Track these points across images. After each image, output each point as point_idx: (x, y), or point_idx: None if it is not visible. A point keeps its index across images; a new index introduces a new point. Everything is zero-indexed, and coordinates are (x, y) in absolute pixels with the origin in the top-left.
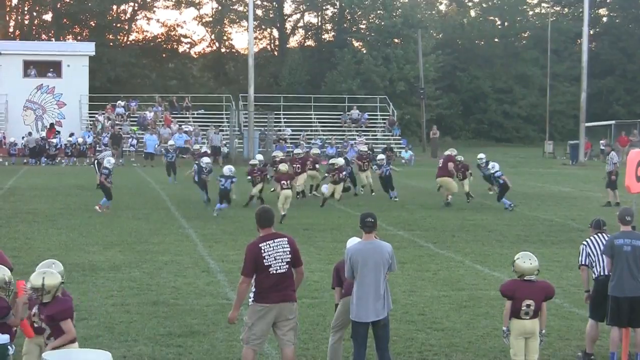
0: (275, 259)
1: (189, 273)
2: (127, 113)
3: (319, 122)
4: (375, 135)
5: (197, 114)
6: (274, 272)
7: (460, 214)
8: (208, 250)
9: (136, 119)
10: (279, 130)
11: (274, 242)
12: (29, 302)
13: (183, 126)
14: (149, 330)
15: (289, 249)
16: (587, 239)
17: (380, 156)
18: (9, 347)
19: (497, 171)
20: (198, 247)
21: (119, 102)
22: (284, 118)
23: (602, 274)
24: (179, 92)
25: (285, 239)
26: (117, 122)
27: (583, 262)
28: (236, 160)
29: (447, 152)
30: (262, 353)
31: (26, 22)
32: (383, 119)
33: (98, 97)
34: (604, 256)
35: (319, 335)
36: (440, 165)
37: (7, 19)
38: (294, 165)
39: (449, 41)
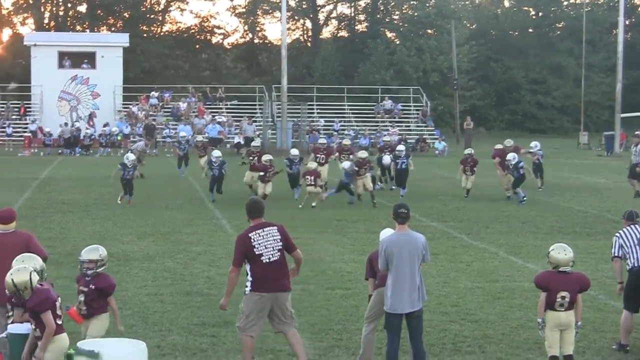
0: (266, 248)
1: (222, 263)
2: (160, 104)
3: (352, 113)
4: (409, 126)
5: (230, 104)
6: (267, 260)
7: (494, 205)
8: None
9: (169, 110)
10: (312, 121)
11: (263, 231)
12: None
13: (216, 117)
14: (183, 320)
15: (279, 237)
16: (620, 231)
17: (400, 147)
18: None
19: (519, 161)
20: (231, 238)
21: (153, 93)
22: (316, 109)
23: (635, 265)
24: (212, 82)
25: (275, 227)
26: (150, 113)
27: (616, 254)
28: (269, 151)
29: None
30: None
31: (61, 13)
32: (416, 110)
33: (132, 88)
34: (637, 247)
35: (353, 326)
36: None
37: (42, 10)
38: (318, 156)
39: (483, 32)
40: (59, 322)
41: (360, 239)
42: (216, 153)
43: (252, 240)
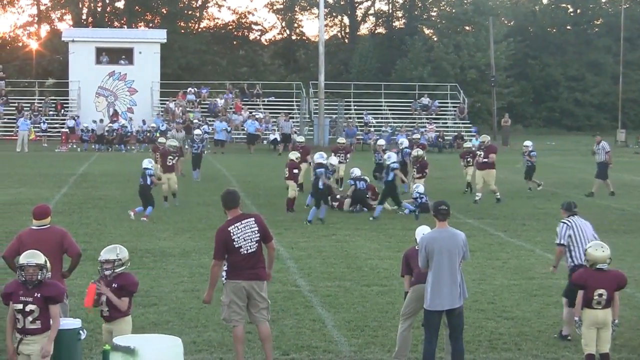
0: (244, 240)
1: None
2: (198, 100)
3: (389, 110)
4: (446, 123)
5: (268, 101)
6: (245, 252)
7: (531, 202)
8: (278, 237)
9: (207, 106)
10: (349, 118)
11: (241, 223)
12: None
13: (253, 113)
14: (219, 317)
15: (256, 228)
16: (568, 220)
17: (403, 140)
18: (80, 332)
19: (531, 151)
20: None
21: (190, 89)
22: (354, 105)
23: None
24: (250, 79)
25: (253, 218)
26: (188, 109)
27: (563, 242)
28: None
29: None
30: (332, 340)
31: (99, 9)
32: (453, 107)
33: (169, 84)
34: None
35: (389, 323)
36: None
37: (80, 6)
38: (338, 154)
39: (521, 28)
40: None
41: (396, 236)
42: (197, 131)
43: (232, 234)
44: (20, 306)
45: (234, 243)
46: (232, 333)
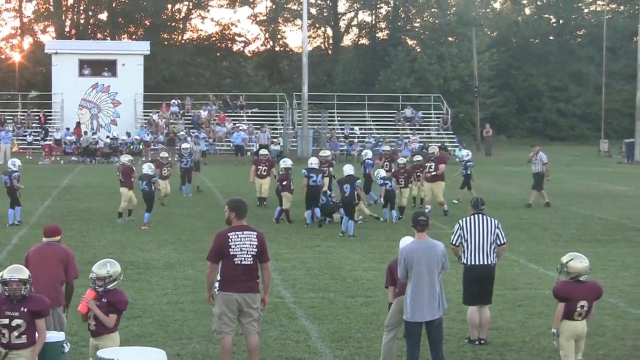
0: (241, 250)
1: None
2: (181, 112)
3: (373, 121)
4: (429, 133)
5: (251, 112)
6: (239, 262)
7: (515, 212)
8: None
9: (190, 118)
10: (333, 129)
11: (242, 233)
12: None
13: (237, 124)
14: (203, 329)
15: (256, 243)
16: (464, 219)
17: (366, 151)
18: (64, 344)
19: (468, 161)
20: None
21: (174, 100)
22: (337, 116)
23: (475, 263)
24: (233, 90)
25: (255, 233)
26: (171, 121)
27: (454, 244)
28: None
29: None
30: (316, 352)
31: (82, 21)
32: (437, 118)
33: (152, 96)
34: (479, 245)
35: (373, 334)
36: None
37: (63, 18)
38: (323, 167)
39: (504, 39)
40: None
41: (380, 247)
42: (185, 145)
43: (230, 240)
44: (6, 321)
45: (230, 249)
46: (220, 344)
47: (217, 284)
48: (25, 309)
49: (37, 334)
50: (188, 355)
